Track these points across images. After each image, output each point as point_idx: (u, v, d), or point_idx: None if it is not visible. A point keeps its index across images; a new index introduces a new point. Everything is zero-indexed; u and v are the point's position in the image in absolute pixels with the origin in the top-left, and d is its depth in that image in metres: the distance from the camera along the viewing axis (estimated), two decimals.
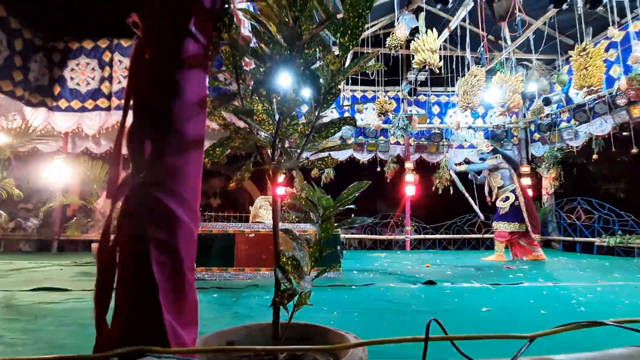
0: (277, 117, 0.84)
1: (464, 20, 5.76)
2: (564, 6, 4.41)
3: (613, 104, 5.53)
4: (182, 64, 0.69)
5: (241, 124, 0.91)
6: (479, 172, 5.77)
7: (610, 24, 4.92)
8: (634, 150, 5.30)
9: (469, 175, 5.84)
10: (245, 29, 3.13)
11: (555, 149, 6.86)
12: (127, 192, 0.67)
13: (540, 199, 7.55)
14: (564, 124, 6.64)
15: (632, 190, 7.54)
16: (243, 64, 0.92)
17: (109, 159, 6.02)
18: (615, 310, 2.07)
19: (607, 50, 5.52)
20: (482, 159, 5.67)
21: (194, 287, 0.70)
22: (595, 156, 6.05)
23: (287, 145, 0.90)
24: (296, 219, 3.67)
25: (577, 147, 6.46)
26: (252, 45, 0.93)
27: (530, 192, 6.23)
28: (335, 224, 0.84)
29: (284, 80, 0.82)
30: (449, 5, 4.62)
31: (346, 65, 0.83)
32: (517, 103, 5.48)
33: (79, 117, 6.22)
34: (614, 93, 5.43)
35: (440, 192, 7.57)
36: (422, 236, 7.72)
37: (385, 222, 7.95)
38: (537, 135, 7.42)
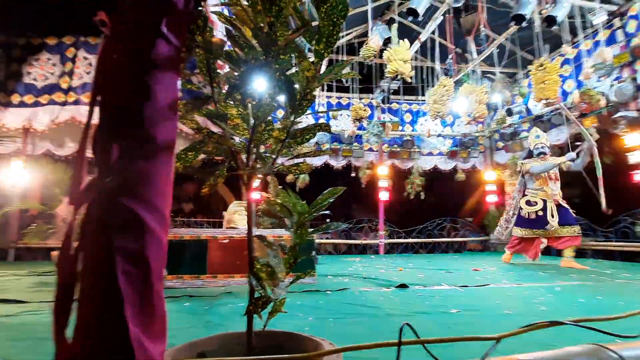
0: (252, 122, 0.83)
1: (433, 33, 6.04)
2: (524, 24, 4.75)
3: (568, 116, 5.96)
4: (152, 66, 0.67)
5: (215, 128, 0.90)
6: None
7: (564, 42, 5.34)
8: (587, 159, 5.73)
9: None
10: (219, 32, 3.09)
11: (517, 156, 7.30)
12: (92, 198, 0.63)
13: (503, 204, 7.96)
14: (524, 134, 7.08)
15: (584, 196, 8.14)
16: (217, 67, 0.91)
17: (72, 162, 5.67)
18: (572, 309, 2.21)
19: (562, 66, 5.98)
20: (544, 154, 4.98)
21: (162, 297, 0.67)
22: None
23: (262, 150, 0.89)
24: (271, 225, 3.63)
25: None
26: (226, 48, 0.92)
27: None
28: (311, 230, 0.84)
29: (259, 85, 0.82)
30: (420, 18, 4.82)
31: (321, 71, 0.84)
32: (483, 113, 5.81)
33: (31, 113, 5.75)
34: (569, 105, 5.86)
35: (412, 197, 7.79)
36: (395, 240, 7.88)
37: (359, 227, 8.05)
38: (500, 144, 7.85)
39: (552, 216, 4.68)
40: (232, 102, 0.86)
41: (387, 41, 4.96)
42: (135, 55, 0.68)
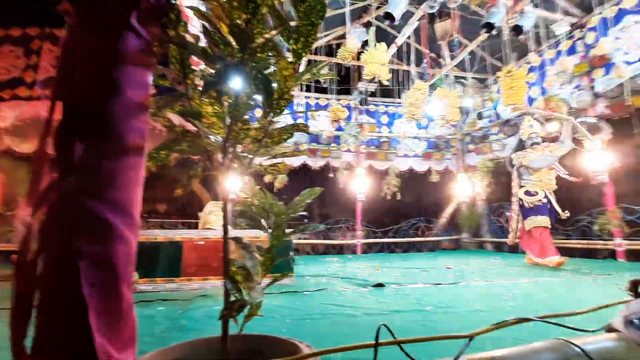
0: (228, 120, 0.81)
1: (409, 37, 6.19)
2: (494, 32, 4.97)
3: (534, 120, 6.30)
4: (121, 60, 0.64)
5: (190, 126, 0.87)
6: None
7: (530, 50, 5.64)
8: None
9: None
10: (194, 27, 3.00)
11: (487, 159, 7.63)
12: (53, 199, 0.59)
13: (475, 204, 8.30)
14: (493, 137, 7.41)
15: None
16: (192, 63, 0.88)
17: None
18: (537, 304, 2.33)
19: (528, 73, 6.32)
20: (537, 144, 4.83)
21: (131, 304, 0.64)
22: None
23: (239, 149, 0.87)
24: (247, 226, 3.57)
25: (504, 157, 7.24)
26: (202, 44, 0.89)
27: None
28: (288, 231, 0.83)
29: (236, 83, 0.80)
30: (396, 23, 4.92)
31: (300, 71, 0.83)
32: (455, 116, 6.02)
33: None
34: (532, 111, 6.19)
35: (388, 197, 7.94)
36: (371, 240, 7.99)
37: (337, 227, 8.09)
38: (471, 146, 8.18)
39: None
40: (207, 100, 0.84)
41: (364, 44, 5.02)
42: (103, 48, 0.64)
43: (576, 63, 5.51)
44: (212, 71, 0.86)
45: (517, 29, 4.90)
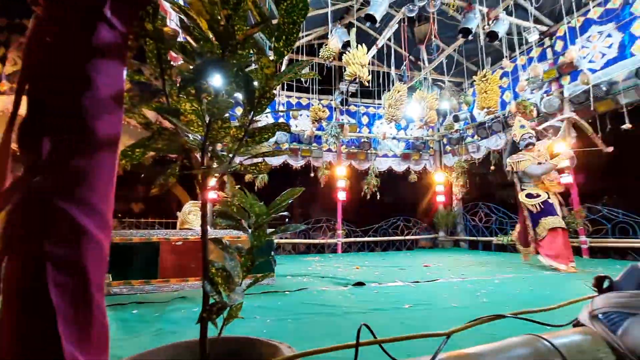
0: (207, 118, 0.79)
1: (389, 40, 6.30)
2: (470, 37, 5.15)
3: (506, 123, 6.60)
4: (93, 53, 0.61)
5: (168, 124, 0.84)
6: None
7: (504, 56, 5.89)
8: None
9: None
10: (172, 22, 2.92)
11: (463, 160, 7.89)
12: (18, 198, 0.55)
13: (451, 204, 8.55)
14: (469, 139, 7.68)
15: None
16: (170, 59, 0.85)
17: None
18: (510, 300, 2.42)
19: (501, 78, 6.58)
20: (532, 144, 4.49)
21: (103, 309, 0.61)
22: (492, 167, 7.12)
23: (219, 148, 0.85)
24: (227, 226, 3.51)
25: (478, 159, 7.54)
26: (180, 39, 0.86)
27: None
28: (269, 231, 0.82)
29: (216, 80, 0.78)
30: (377, 25, 4.99)
31: (282, 70, 0.82)
32: (433, 118, 6.18)
33: None
34: (506, 114, 6.47)
35: (368, 197, 8.04)
36: (352, 239, 8.06)
37: (318, 227, 8.11)
38: (448, 148, 8.43)
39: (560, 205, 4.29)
40: (185, 97, 0.81)
41: (346, 44, 5.05)
42: (73, 40, 0.61)
43: (546, 69, 5.79)
44: (191, 67, 0.84)
45: (491, 35, 5.10)
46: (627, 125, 4.68)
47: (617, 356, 0.68)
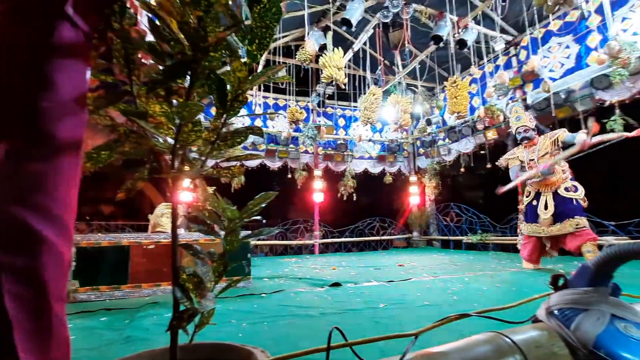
0: (177, 121, 0.77)
1: (365, 44, 6.42)
2: (441, 44, 5.34)
3: (475, 128, 6.90)
4: (53, 52, 0.58)
5: (136, 126, 0.81)
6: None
7: (473, 63, 6.16)
8: (489, 165, 6.69)
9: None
10: (144, 20, 2.82)
11: (435, 162, 8.16)
12: None
13: (424, 205, 8.81)
14: (440, 142, 7.96)
15: (487, 197, 9.52)
16: (143, 57, 0.82)
17: None
18: (477, 297, 2.53)
19: (470, 84, 6.89)
20: (528, 138, 4.01)
21: (63, 320, 0.58)
22: (462, 169, 7.42)
23: (194, 149, 0.84)
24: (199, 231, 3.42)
25: (450, 161, 7.83)
26: (150, 39, 0.84)
27: None
28: (243, 235, 0.81)
29: (186, 82, 0.77)
30: (353, 29, 5.06)
31: (259, 71, 0.82)
32: (407, 121, 6.35)
33: None
34: (475, 119, 6.77)
35: (345, 198, 8.12)
36: (329, 240, 8.11)
37: (295, 228, 8.09)
38: (421, 150, 8.70)
39: (545, 208, 3.71)
40: (154, 99, 0.79)
41: (322, 47, 5.09)
42: (33, 38, 0.58)
43: (511, 77, 6.12)
44: (161, 68, 0.81)
45: (461, 43, 5.33)
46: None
47: (570, 349, 0.73)
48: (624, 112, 4.51)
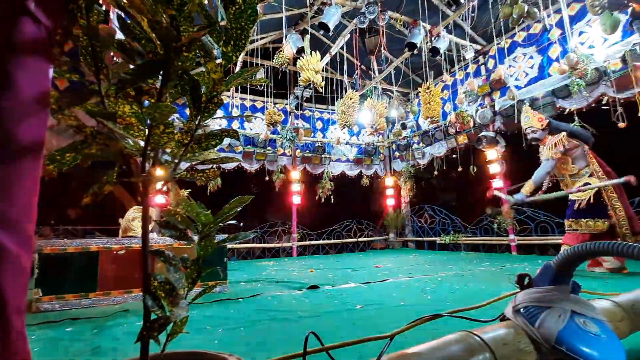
0: (148, 122, 0.74)
1: (342, 48, 6.50)
2: (415, 51, 5.51)
3: (447, 132, 7.15)
4: (13, 49, 0.54)
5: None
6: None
7: (444, 70, 6.40)
8: (460, 169, 6.95)
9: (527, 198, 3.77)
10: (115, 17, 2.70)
11: (410, 165, 8.39)
12: None
13: (400, 207, 9.01)
14: (415, 146, 8.18)
15: (459, 199, 9.89)
16: (114, 55, 0.79)
17: None
18: (450, 296, 2.61)
19: (442, 90, 7.15)
20: (536, 139, 3.84)
21: (24, 334, 0.54)
22: (435, 172, 7.66)
23: (168, 150, 0.81)
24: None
25: (424, 164, 8.08)
26: (120, 37, 0.81)
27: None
28: (217, 240, 0.80)
29: (158, 82, 0.74)
30: (331, 34, 5.12)
31: (236, 72, 0.81)
32: (383, 125, 6.48)
33: None
34: (447, 124, 7.02)
35: (322, 200, 8.15)
36: (307, 242, 8.09)
37: (273, 230, 8.02)
38: (397, 154, 8.91)
39: None
40: (124, 100, 0.76)
41: (300, 50, 5.09)
42: None
43: (480, 84, 6.41)
44: (132, 67, 0.78)
45: (434, 50, 5.52)
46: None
47: (535, 346, 0.77)
48: (582, 119, 4.83)
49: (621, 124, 4.29)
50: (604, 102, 4.68)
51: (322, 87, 5.07)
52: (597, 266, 3.49)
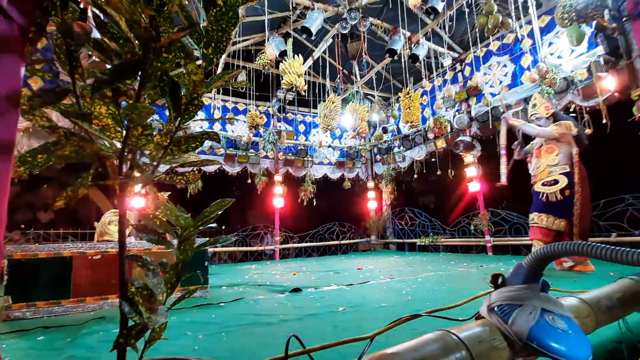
0: (126, 123, 0.73)
1: (325, 52, 6.56)
2: (395, 57, 5.64)
3: (426, 137, 7.33)
4: None
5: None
6: (527, 141, 4.02)
7: (423, 77, 6.58)
8: (439, 172, 7.13)
9: (515, 144, 4.05)
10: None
11: (391, 168, 8.53)
12: None
13: (381, 209, 9.14)
14: (396, 149, 8.34)
15: (437, 202, 10.15)
16: (92, 55, 0.77)
17: None
18: (429, 296, 2.67)
19: (422, 96, 7.34)
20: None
21: None
22: (415, 175, 7.83)
23: (147, 152, 0.79)
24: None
25: (404, 168, 8.24)
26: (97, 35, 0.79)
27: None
28: (200, 241, 0.79)
29: (137, 82, 0.73)
30: (313, 38, 5.15)
31: (217, 74, 0.80)
32: (364, 129, 6.58)
33: None
34: (426, 128, 7.20)
35: (305, 203, 8.14)
36: (289, 245, 8.06)
37: (256, 234, 7.93)
38: (378, 157, 9.05)
39: None
40: (100, 100, 0.74)
41: (282, 53, 5.10)
42: None
43: (457, 91, 6.62)
44: (108, 66, 0.76)
45: (413, 57, 5.66)
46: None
47: (509, 343, 0.80)
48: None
49: (588, 130, 4.53)
50: (571, 109, 4.94)
51: (304, 91, 5.09)
52: (562, 264, 3.60)
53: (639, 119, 3.22)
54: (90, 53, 0.77)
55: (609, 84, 4.24)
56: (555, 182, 3.53)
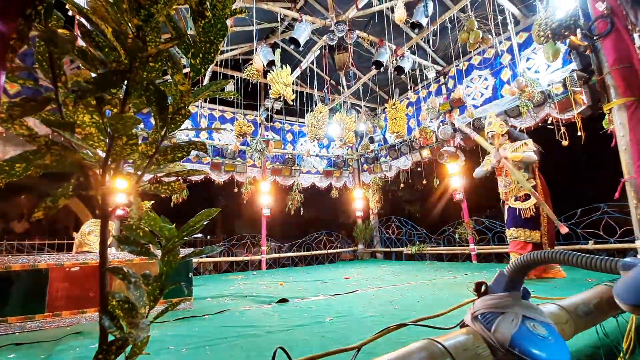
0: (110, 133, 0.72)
1: (312, 63, 6.66)
2: (381, 69, 5.77)
3: (412, 147, 7.47)
4: None
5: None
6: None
7: (409, 88, 6.74)
8: (424, 181, 7.25)
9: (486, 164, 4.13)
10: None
11: (377, 177, 8.63)
12: None
13: (368, 218, 9.19)
14: (382, 159, 8.45)
15: (423, 211, 10.29)
16: (80, 65, 0.75)
17: None
18: (416, 305, 2.68)
19: (407, 107, 7.50)
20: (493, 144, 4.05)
21: None
22: (401, 185, 7.93)
23: (131, 161, 0.78)
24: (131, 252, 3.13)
25: (391, 177, 8.35)
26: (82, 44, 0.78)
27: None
28: (185, 251, 0.77)
29: (121, 92, 0.72)
30: (301, 48, 5.22)
31: (205, 83, 0.80)
32: (351, 139, 6.67)
33: None
34: (412, 139, 7.34)
35: (292, 212, 8.11)
36: (276, 255, 7.97)
37: (242, 243, 7.81)
38: (365, 166, 9.14)
39: None
40: (84, 108, 0.73)
41: (270, 63, 5.13)
42: None
43: (441, 102, 6.81)
44: (93, 75, 0.76)
45: (399, 69, 5.81)
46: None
47: (492, 350, 0.81)
48: (530, 136, 5.25)
49: (564, 142, 4.71)
50: (549, 122, 5.14)
51: (292, 100, 5.12)
52: (539, 272, 3.72)
53: (611, 132, 3.39)
54: (72, 59, 0.77)
55: (583, 98, 4.44)
56: (527, 197, 3.75)
